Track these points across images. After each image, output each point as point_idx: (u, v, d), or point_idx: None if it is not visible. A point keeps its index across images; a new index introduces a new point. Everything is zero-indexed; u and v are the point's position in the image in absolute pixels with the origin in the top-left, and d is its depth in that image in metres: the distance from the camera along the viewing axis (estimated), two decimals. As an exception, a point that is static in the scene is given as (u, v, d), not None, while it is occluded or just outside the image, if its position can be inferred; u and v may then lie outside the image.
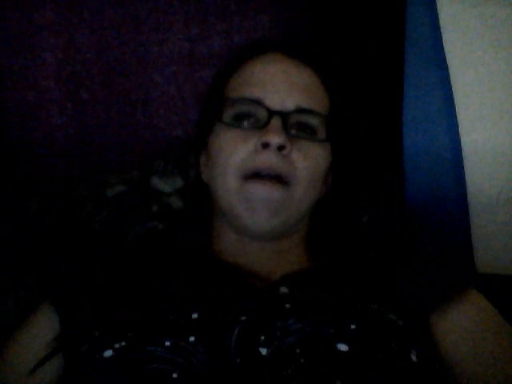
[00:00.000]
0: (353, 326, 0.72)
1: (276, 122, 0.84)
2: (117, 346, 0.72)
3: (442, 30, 1.09)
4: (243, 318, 0.73)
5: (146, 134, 1.17)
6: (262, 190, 0.83)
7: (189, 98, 1.17)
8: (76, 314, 0.82)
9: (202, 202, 0.97)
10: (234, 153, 0.85)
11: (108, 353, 0.72)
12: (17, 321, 0.89)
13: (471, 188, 1.11)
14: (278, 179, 0.84)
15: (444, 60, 1.09)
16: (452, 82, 1.10)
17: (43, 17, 1.14)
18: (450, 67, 1.10)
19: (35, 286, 1.00)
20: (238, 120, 0.88)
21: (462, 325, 0.82)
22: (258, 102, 0.87)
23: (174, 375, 0.68)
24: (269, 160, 0.83)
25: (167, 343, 0.70)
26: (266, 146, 0.83)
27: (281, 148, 0.83)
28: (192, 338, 0.70)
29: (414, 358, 0.73)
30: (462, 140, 1.11)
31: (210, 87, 0.98)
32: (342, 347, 0.70)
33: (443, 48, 1.09)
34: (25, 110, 1.16)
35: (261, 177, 0.83)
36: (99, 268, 0.88)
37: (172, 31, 1.15)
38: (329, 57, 1.02)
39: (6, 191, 1.11)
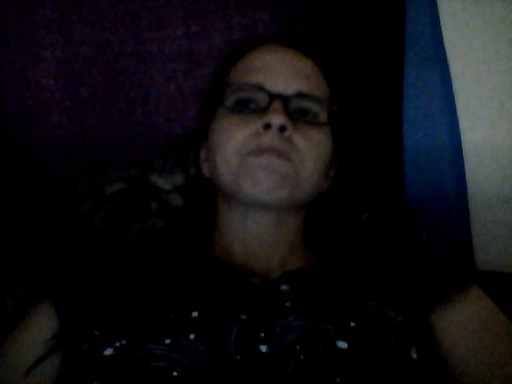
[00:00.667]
0: (352, 324, 0.72)
1: (277, 104, 0.84)
2: (117, 344, 0.72)
3: (443, 29, 1.09)
4: (243, 316, 0.73)
5: (145, 132, 1.18)
6: (264, 160, 0.82)
7: (188, 95, 1.17)
8: (75, 313, 0.82)
9: (203, 199, 0.97)
10: (235, 134, 0.85)
11: (108, 351, 0.71)
12: (16, 320, 0.89)
13: (471, 187, 1.11)
14: (281, 155, 0.83)
15: (444, 59, 1.09)
16: (452, 81, 1.10)
17: (42, 15, 1.14)
18: (450, 66, 1.10)
19: (34, 286, 1.00)
20: (239, 106, 0.88)
21: (463, 323, 0.81)
22: (259, 87, 0.86)
23: (175, 373, 0.68)
24: (270, 140, 0.82)
25: (167, 341, 0.70)
26: (267, 126, 0.83)
27: (282, 129, 0.83)
28: (192, 336, 0.70)
29: (413, 355, 0.73)
30: (462, 139, 1.11)
31: (212, 78, 0.98)
32: (342, 344, 0.70)
33: (443, 47, 1.09)
34: (24, 108, 1.16)
35: (263, 152, 0.83)
36: (99, 266, 0.88)
37: (171, 29, 1.15)
38: (328, 52, 1.02)
39: (5, 190, 1.10)
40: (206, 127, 0.93)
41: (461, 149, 1.11)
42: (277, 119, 0.82)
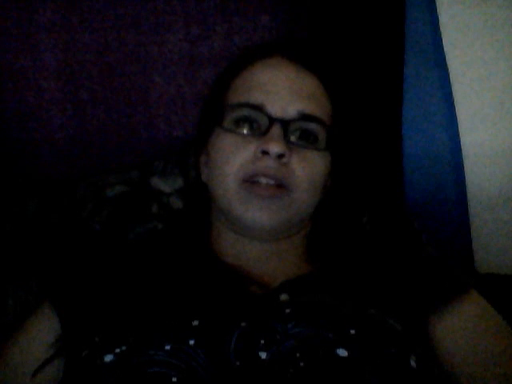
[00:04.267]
0: (352, 332, 0.72)
1: (276, 129, 0.84)
2: (117, 350, 0.72)
3: (442, 30, 1.09)
4: (243, 323, 0.73)
5: (145, 135, 1.17)
6: (260, 192, 0.83)
7: (189, 98, 1.16)
8: (76, 317, 0.82)
9: (202, 202, 0.97)
10: (233, 158, 0.85)
11: (108, 358, 0.72)
12: (17, 321, 0.89)
13: (471, 188, 1.12)
14: (277, 185, 0.84)
15: (444, 60, 1.10)
16: (452, 82, 1.10)
17: (43, 17, 1.14)
18: (449, 67, 1.10)
19: (35, 287, 1.00)
20: (238, 125, 0.88)
21: (462, 325, 0.82)
22: (259, 108, 0.86)
23: (174, 379, 0.68)
24: (268, 168, 0.83)
25: (167, 347, 0.70)
26: (265, 153, 0.83)
27: (280, 156, 0.83)
28: (192, 342, 0.71)
29: (413, 363, 0.73)
30: (462, 140, 1.11)
31: (211, 90, 0.97)
32: (342, 352, 0.70)
33: (443, 48, 1.09)
34: (25, 110, 1.16)
35: (260, 183, 0.84)
36: (99, 269, 0.89)
37: (172, 32, 1.15)
38: (330, 59, 1.02)
39: (6, 191, 1.10)
40: (205, 138, 0.93)
41: (460, 150, 1.11)
42: (275, 147, 0.82)
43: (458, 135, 1.10)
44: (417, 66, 1.10)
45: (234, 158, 0.85)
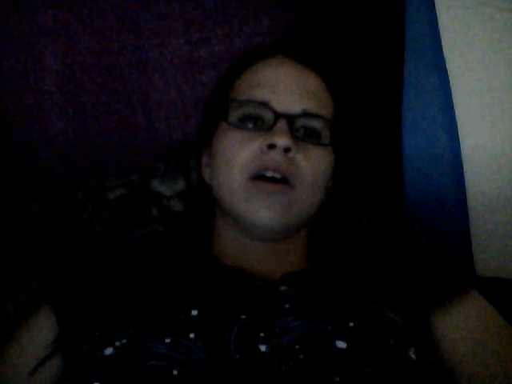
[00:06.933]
0: (351, 324, 0.72)
1: (282, 124, 0.85)
2: (117, 343, 0.72)
3: (442, 33, 1.09)
4: (243, 316, 0.73)
5: (146, 137, 1.18)
6: (265, 190, 0.83)
7: (189, 101, 1.17)
8: (75, 317, 0.82)
9: (203, 203, 0.97)
10: (239, 153, 0.86)
11: (108, 351, 0.72)
12: (17, 323, 0.89)
13: (471, 190, 1.12)
14: (283, 181, 0.84)
15: (443, 62, 1.10)
16: (451, 84, 1.10)
17: (43, 20, 1.14)
18: (449, 69, 1.10)
19: (35, 289, 1.00)
20: (243, 121, 0.88)
21: (463, 324, 0.82)
22: (264, 104, 0.87)
23: (175, 372, 0.68)
24: (274, 161, 0.83)
25: (167, 340, 0.71)
26: (272, 147, 0.83)
27: (286, 150, 0.83)
28: (192, 335, 0.71)
29: (412, 355, 0.73)
30: (462, 142, 1.11)
31: (215, 88, 0.98)
32: (341, 344, 0.70)
33: (442, 50, 1.09)
34: (25, 112, 1.17)
35: (265, 178, 0.84)
36: (99, 271, 0.89)
37: (172, 35, 1.15)
38: (332, 60, 1.02)
39: (6, 194, 1.11)
40: (209, 137, 0.94)
41: (460, 151, 1.11)
42: (282, 141, 0.83)
43: (458, 136, 1.10)
44: (416, 67, 1.11)
45: (239, 154, 0.86)
